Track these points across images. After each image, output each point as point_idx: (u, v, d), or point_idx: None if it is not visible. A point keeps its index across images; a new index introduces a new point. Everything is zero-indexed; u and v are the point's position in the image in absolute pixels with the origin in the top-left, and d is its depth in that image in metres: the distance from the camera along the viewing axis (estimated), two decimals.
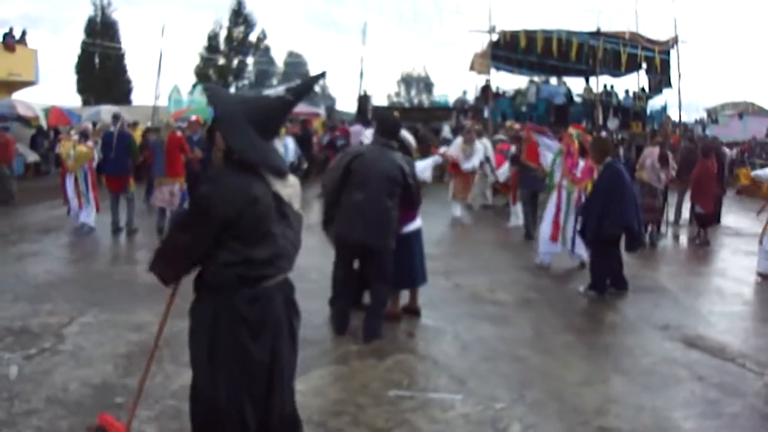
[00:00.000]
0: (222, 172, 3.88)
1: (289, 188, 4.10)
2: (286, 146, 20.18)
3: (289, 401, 4.29)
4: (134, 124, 23.49)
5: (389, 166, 7.50)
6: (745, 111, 47.03)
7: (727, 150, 26.44)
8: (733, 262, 13.26)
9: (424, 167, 10.84)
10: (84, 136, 15.00)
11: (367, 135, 8.73)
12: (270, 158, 3.95)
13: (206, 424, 4.08)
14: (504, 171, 17.23)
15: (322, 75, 4.52)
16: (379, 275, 7.77)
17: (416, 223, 8.45)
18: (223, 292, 3.90)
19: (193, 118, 19.28)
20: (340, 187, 7.56)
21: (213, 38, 67.48)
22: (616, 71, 30.21)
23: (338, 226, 7.69)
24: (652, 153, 14.38)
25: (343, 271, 7.96)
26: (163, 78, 38.31)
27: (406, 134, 8.74)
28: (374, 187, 7.40)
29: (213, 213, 3.76)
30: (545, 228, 11.69)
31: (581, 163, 11.20)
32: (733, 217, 19.63)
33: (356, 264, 8.14)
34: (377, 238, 7.50)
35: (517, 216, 16.40)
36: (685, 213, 17.83)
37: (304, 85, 4.30)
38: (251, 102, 3.97)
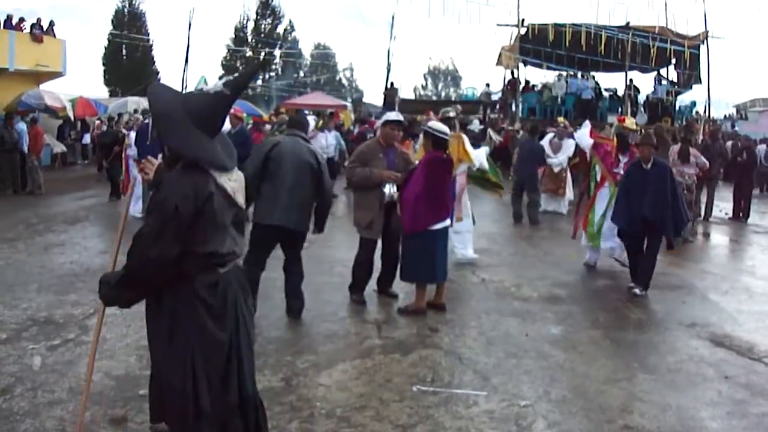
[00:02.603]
0: (174, 175, 3.91)
1: (234, 182, 4.08)
2: (326, 140, 19.70)
3: (249, 381, 4.32)
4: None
5: (305, 153, 7.92)
6: None
7: (764, 147, 26.29)
8: (763, 261, 13.14)
9: (479, 155, 11.30)
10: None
11: None
12: (214, 156, 3.97)
13: (164, 405, 4.20)
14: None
15: (262, 65, 4.41)
16: (296, 256, 8.25)
17: (446, 222, 8.46)
18: (182, 280, 3.94)
19: (231, 110, 19.23)
20: (261, 175, 7.75)
21: (240, 30, 67.75)
22: (645, 66, 30.03)
23: (262, 212, 7.81)
24: (674, 150, 14.34)
25: (261, 260, 8.06)
26: (190, 69, 38.46)
27: (439, 125, 8.68)
28: (295, 173, 7.75)
29: (179, 213, 3.78)
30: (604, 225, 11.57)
31: (622, 160, 11.10)
32: (764, 215, 19.48)
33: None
34: (300, 221, 7.88)
35: (563, 205, 17.81)
36: (715, 210, 17.75)
37: (243, 77, 4.30)
38: (192, 100, 3.98)
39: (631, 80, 31.87)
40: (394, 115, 9.06)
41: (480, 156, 11.35)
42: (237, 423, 4.23)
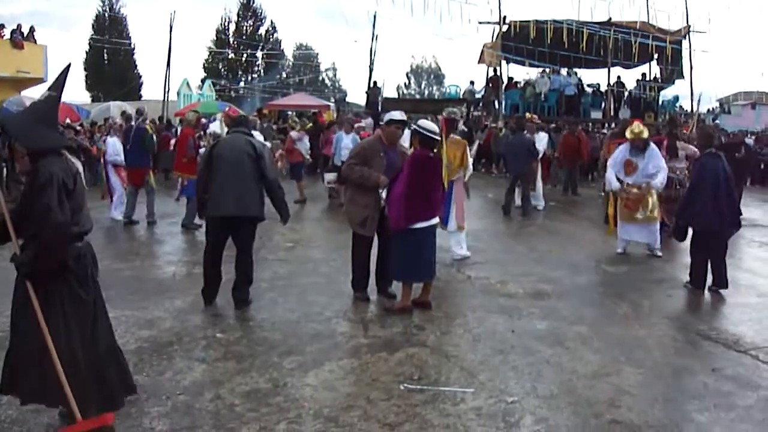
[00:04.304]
0: (48, 159, 4.82)
1: (79, 164, 5.11)
2: (339, 142, 18.92)
3: (109, 334, 5.37)
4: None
5: (244, 144, 8.50)
6: (758, 101, 46.84)
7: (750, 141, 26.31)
8: (748, 253, 13.18)
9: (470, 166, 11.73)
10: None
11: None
12: (62, 140, 5.17)
13: (42, 371, 4.88)
14: None
15: (68, 68, 5.45)
16: (244, 248, 8.60)
17: (432, 221, 8.43)
18: None
19: (226, 108, 19.08)
20: (208, 172, 8.47)
21: (222, 32, 67.66)
22: (627, 62, 30.11)
23: (212, 206, 8.46)
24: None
25: (213, 246, 8.66)
26: (172, 72, 38.36)
27: (428, 123, 8.65)
28: (234, 164, 8.35)
29: (65, 184, 4.75)
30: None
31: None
32: (749, 208, 19.55)
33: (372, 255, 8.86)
34: (244, 206, 8.32)
35: (538, 199, 17.88)
36: None
37: (58, 80, 5.26)
38: (35, 107, 5.17)
39: (618, 77, 32.04)
40: (398, 115, 9.07)
41: (470, 168, 11.55)
42: (110, 369, 5.21)
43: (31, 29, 32.29)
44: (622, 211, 12.12)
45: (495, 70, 31.55)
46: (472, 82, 36.87)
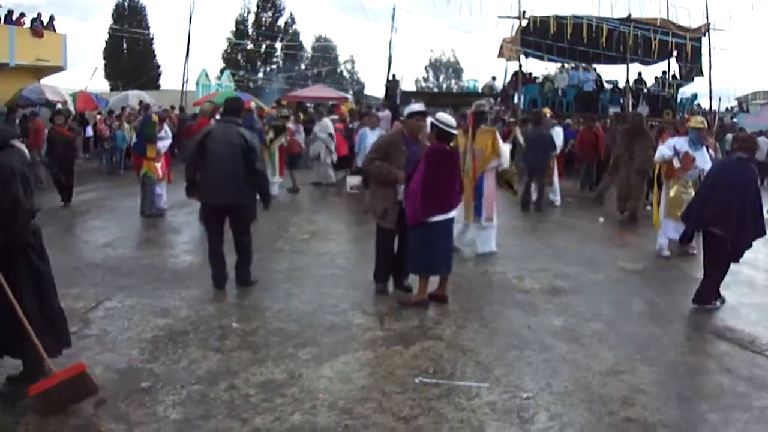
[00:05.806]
0: (6, 153, 5.38)
1: (27, 152, 5.74)
2: (363, 140, 17.04)
3: (56, 298, 6.04)
4: (171, 108, 23.78)
5: (235, 136, 8.76)
6: None
7: (764, 139, 26.11)
8: (765, 253, 13.07)
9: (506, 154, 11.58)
10: None
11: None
12: (12, 133, 5.86)
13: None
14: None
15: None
16: (241, 230, 9.02)
17: (450, 214, 8.41)
18: None
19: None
20: (196, 159, 8.85)
21: (241, 23, 67.72)
22: (646, 58, 29.95)
23: (204, 192, 8.90)
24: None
25: (212, 232, 9.06)
26: (191, 63, 38.43)
27: (446, 116, 8.61)
28: (225, 155, 8.67)
29: (25, 175, 5.45)
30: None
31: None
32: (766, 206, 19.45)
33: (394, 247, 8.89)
34: (235, 197, 8.76)
35: (554, 194, 17.80)
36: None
37: None
38: None
39: (639, 73, 31.83)
40: (419, 107, 9.01)
41: (506, 155, 11.43)
42: (62, 324, 6.00)
43: (51, 18, 32.43)
44: (669, 208, 11.87)
45: (519, 65, 31.40)
46: (494, 78, 36.79)
